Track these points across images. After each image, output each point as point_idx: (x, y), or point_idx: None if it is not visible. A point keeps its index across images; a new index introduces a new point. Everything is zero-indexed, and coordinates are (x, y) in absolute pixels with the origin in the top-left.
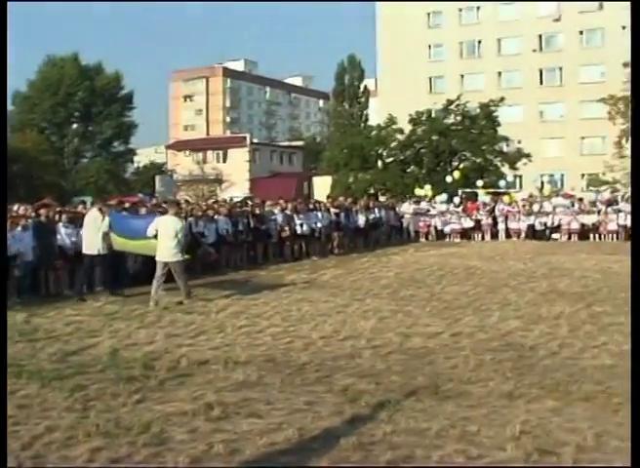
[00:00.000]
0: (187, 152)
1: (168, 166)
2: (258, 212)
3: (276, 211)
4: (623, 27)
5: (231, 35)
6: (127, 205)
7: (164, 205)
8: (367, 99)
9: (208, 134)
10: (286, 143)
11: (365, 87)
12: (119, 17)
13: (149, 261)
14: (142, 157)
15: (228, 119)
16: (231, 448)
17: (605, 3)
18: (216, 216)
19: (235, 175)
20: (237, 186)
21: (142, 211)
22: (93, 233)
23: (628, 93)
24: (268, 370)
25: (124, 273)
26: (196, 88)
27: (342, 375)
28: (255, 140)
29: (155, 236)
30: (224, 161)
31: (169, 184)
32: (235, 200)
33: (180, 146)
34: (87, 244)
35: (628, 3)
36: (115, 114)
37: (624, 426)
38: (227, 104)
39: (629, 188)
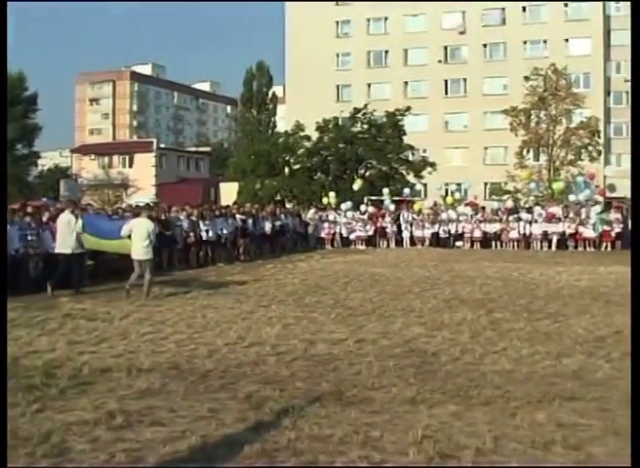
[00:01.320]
0: (93, 156)
1: (73, 170)
2: (163, 217)
3: (182, 216)
4: (525, 42)
5: (139, 39)
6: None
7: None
8: (275, 106)
9: (114, 138)
10: (193, 149)
11: (273, 93)
12: (24, 14)
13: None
14: (47, 160)
15: (135, 123)
16: (134, 457)
17: (508, 18)
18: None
19: (141, 181)
20: (143, 192)
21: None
22: (67, 234)
23: (528, 105)
24: (172, 377)
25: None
26: (103, 91)
27: (247, 382)
28: (162, 145)
29: (129, 236)
30: (130, 166)
31: (74, 188)
32: (142, 204)
33: (85, 150)
34: (60, 244)
35: (527, 19)
36: (18, 116)
37: (522, 429)
38: (134, 108)
39: (530, 198)
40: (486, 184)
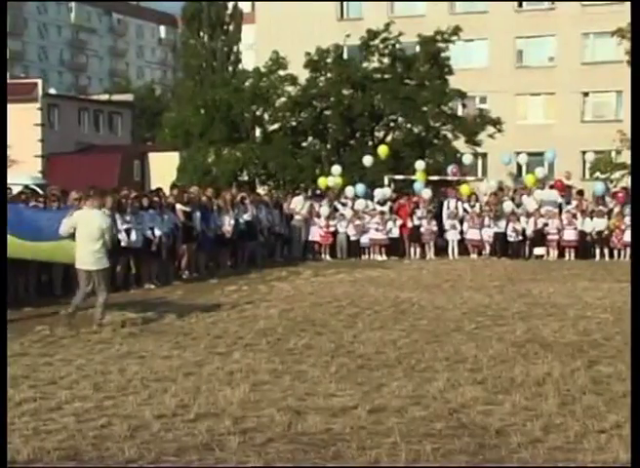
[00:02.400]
0: None
1: None
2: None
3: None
4: None
5: None
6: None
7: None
8: (238, 28)
9: None
10: (105, 97)
11: (235, 7)
12: None
13: None
14: None
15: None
16: None
17: None
18: None
19: (18, 149)
20: (21, 166)
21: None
22: None
23: None
24: None
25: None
26: None
27: None
28: (51, 91)
29: (71, 236)
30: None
31: None
32: (17, 190)
33: None
34: None
35: None
36: None
37: None
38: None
39: None
40: (584, 154)
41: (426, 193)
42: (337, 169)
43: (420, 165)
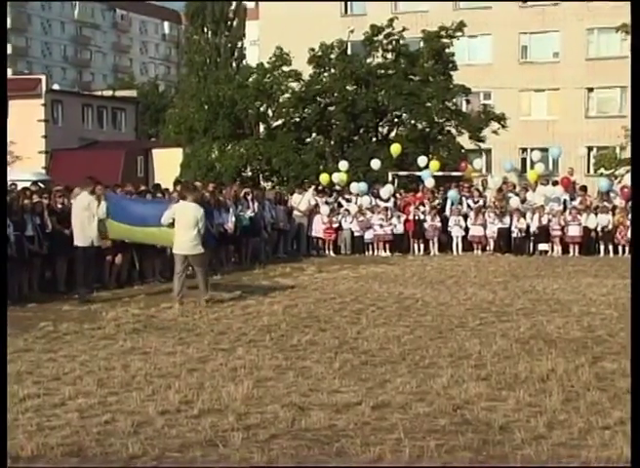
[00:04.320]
0: None
1: None
2: (59, 206)
3: None
4: None
5: None
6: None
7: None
8: (242, 24)
9: None
10: (108, 93)
11: (239, 3)
12: None
13: None
14: None
15: (9, 49)
16: None
17: None
18: None
19: (21, 145)
20: (25, 163)
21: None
22: (85, 222)
23: None
24: None
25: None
26: None
27: None
28: (55, 87)
29: (171, 225)
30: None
31: None
32: (21, 186)
33: None
34: (78, 234)
35: None
36: None
37: None
38: (8, 24)
39: None
40: (590, 150)
41: (430, 182)
42: (344, 164)
43: (422, 160)
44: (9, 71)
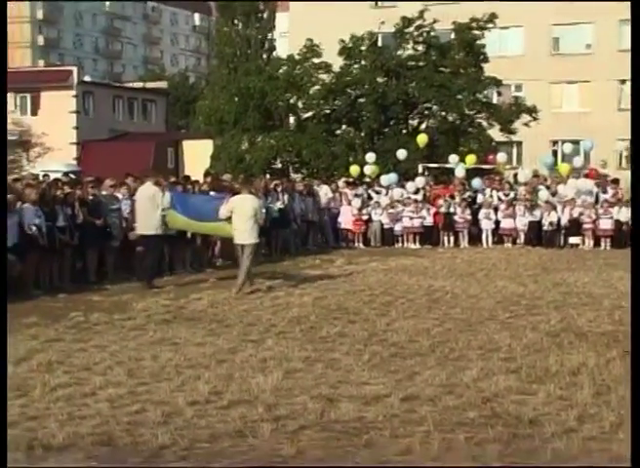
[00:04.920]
0: None
1: None
2: (90, 197)
3: (120, 195)
4: None
5: None
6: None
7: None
8: (272, 16)
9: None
10: (139, 84)
11: None
12: None
13: None
14: None
15: (41, 40)
16: None
17: None
18: (19, 205)
19: (53, 136)
20: (56, 154)
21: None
22: (150, 211)
23: None
24: (102, 458)
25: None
26: None
27: (224, 466)
28: (86, 78)
29: (228, 219)
30: (34, 112)
31: None
32: (52, 177)
33: None
34: (142, 224)
35: None
36: None
37: None
38: (39, 16)
39: None
40: (622, 141)
41: (460, 172)
42: (371, 156)
43: (453, 158)
44: (41, 63)
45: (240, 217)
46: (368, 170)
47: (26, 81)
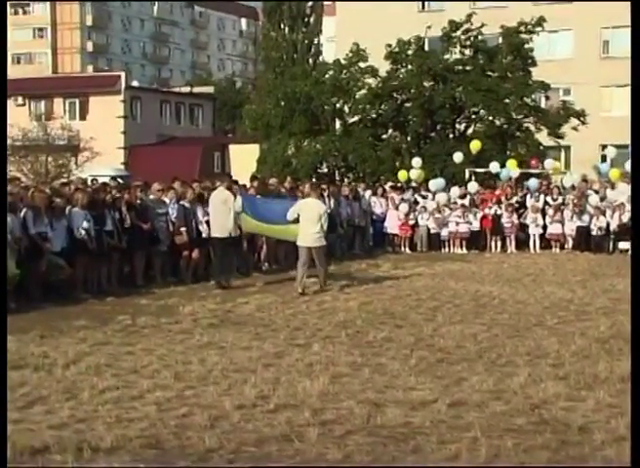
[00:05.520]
0: (20, 99)
1: None
2: (137, 202)
3: (167, 199)
4: None
5: None
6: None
7: (304, 189)
8: (319, 21)
9: (55, 70)
10: (186, 90)
11: (316, 1)
12: None
13: None
14: None
15: (90, 47)
16: None
17: None
18: (68, 209)
19: (101, 140)
20: (104, 158)
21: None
22: (224, 215)
23: None
24: (150, 461)
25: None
26: None
27: None
28: (134, 83)
29: (295, 220)
30: (83, 117)
31: None
32: (101, 181)
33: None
34: (216, 226)
35: None
36: None
37: None
38: (88, 22)
39: None
40: None
41: (505, 176)
42: (417, 161)
43: (494, 166)
44: (90, 68)
45: (306, 221)
46: (414, 174)
47: (75, 86)
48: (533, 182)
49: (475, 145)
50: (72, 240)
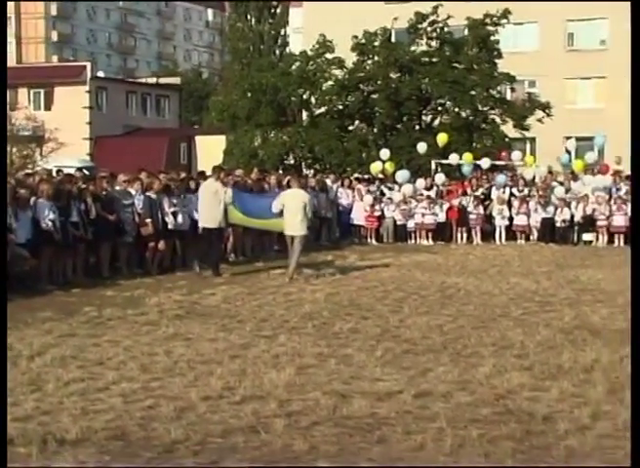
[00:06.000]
0: None
1: None
2: (103, 193)
3: (133, 191)
4: None
5: None
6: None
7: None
8: (285, 12)
9: (20, 60)
10: (152, 80)
11: None
12: None
13: None
14: None
15: (55, 36)
16: None
17: None
18: (32, 200)
19: (66, 131)
20: (69, 149)
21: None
22: (214, 206)
23: None
24: (116, 453)
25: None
26: None
27: (238, 462)
28: (99, 74)
29: (281, 213)
30: (48, 107)
31: None
32: (66, 172)
33: None
34: (206, 217)
35: None
36: None
37: None
38: (53, 12)
39: None
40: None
41: (467, 171)
42: (385, 152)
43: (453, 158)
44: (54, 58)
45: (291, 210)
46: (387, 167)
47: (40, 76)
48: (501, 178)
49: (442, 138)
50: (37, 231)
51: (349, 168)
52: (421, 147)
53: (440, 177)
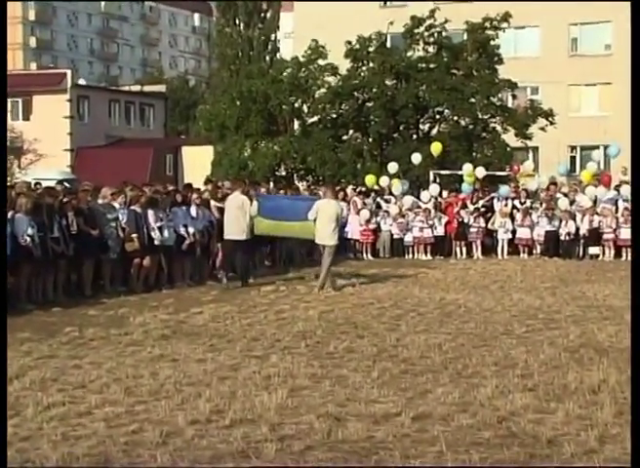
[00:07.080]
0: None
1: None
2: (85, 206)
3: (117, 204)
4: None
5: None
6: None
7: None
8: (276, 16)
9: None
10: (136, 88)
11: None
12: None
13: None
14: None
15: (33, 42)
16: None
17: None
18: (10, 214)
19: (46, 142)
20: (49, 161)
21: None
22: (240, 218)
23: None
24: None
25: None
26: None
27: None
28: (81, 81)
29: (314, 220)
30: (26, 117)
31: None
32: (46, 185)
33: None
34: (232, 230)
35: None
36: None
37: None
38: (32, 17)
39: None
40: None
41: (466, 189)
42: (393, 166)
43: (467, 168)
44: (33, 65)
45: (323, 220)
46: (383, 180)
47: (18, 85)
48: (504, 190)
49: (436, 148)
50: (15, 247)
51: (343, 179)
52: (416, 158)
53: (435, 188)
